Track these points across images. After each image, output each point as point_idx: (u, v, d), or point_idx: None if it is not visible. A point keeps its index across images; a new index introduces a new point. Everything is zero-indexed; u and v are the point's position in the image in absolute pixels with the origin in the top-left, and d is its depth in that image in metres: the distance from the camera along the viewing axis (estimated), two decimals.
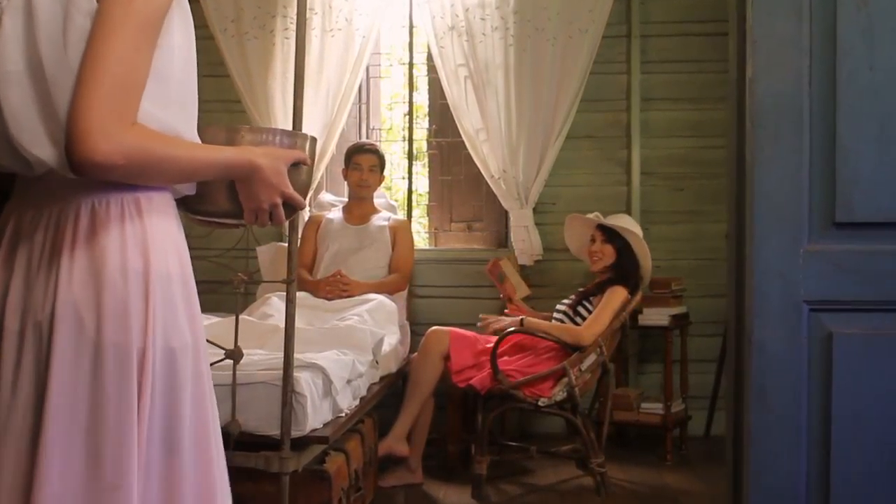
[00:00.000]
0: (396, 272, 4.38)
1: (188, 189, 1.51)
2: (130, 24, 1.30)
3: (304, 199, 1.58)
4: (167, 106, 1.39)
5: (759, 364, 1.57)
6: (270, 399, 2.67)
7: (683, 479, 4.08)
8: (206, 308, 4.63)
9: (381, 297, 4.06)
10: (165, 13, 1.36)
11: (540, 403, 3.74)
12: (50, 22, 1.34)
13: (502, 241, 5.00)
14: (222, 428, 1.86)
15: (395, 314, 4.07)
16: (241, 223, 1.57)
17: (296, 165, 1.54)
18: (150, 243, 1.39)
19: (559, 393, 3.75)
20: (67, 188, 1.37)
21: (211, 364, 2.61)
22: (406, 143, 5.12)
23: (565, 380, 3.75)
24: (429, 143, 5.20)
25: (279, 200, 1.51)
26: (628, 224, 4.16)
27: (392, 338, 3.85)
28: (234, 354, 2.62)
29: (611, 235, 4.08)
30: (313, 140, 1.65)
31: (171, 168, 1.37)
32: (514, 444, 4.24)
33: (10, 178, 1.48)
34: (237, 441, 2.62)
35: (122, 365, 1.34)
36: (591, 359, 3.84)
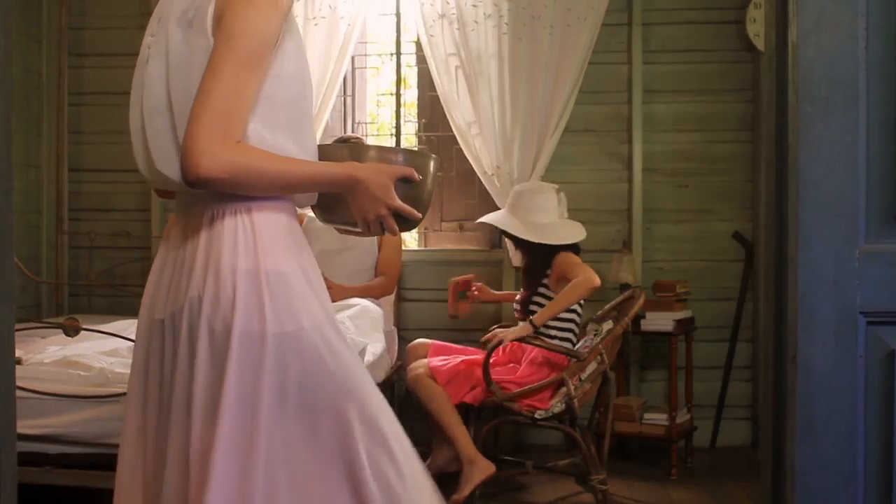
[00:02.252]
0: (382, 275, 4.14)
1: (308, 200, 1.75)
2: (234, 60, 1.54)
3: (423, 211, 1.76)
4: (276, 127, 1.62)
5: (806, 389, 1.30)
6: None
7: (690, 494, 3.95)
8: None
9: (364, 302, 3.81)
10: (272, 46, 1.60)
11: (537, 416, 3.59)
12: (180, 61, 1.61)
13: (495, 241, 4.77)
14: None
15: (380, 320, 3.82)
16: (357, 231, 1.78)
17: (406, 180, 1.71)
18: (260, 245, 1.61)
19: (557, 405, 3.58)
20: (198, 200, 1.65)
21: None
22: (394, 138, 4.87)
23: (563, 390, 3.54)
24: (418, 137, 4.95)
25: (385, 212, 1.69)
26: (528, 206, 3.87)
27: (376, 346, 3.58)
28: None
29: (515, 238, 3.84)
30: (436, 159, 1.84)
31: (271, 181, 1.59)
32: (508, 458, 4.09)
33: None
34: None
35: (232, 348, 1.56)
36: (591, 367, 3.66)
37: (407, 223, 1.74)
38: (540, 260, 3.81)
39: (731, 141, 4.70)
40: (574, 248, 3.81)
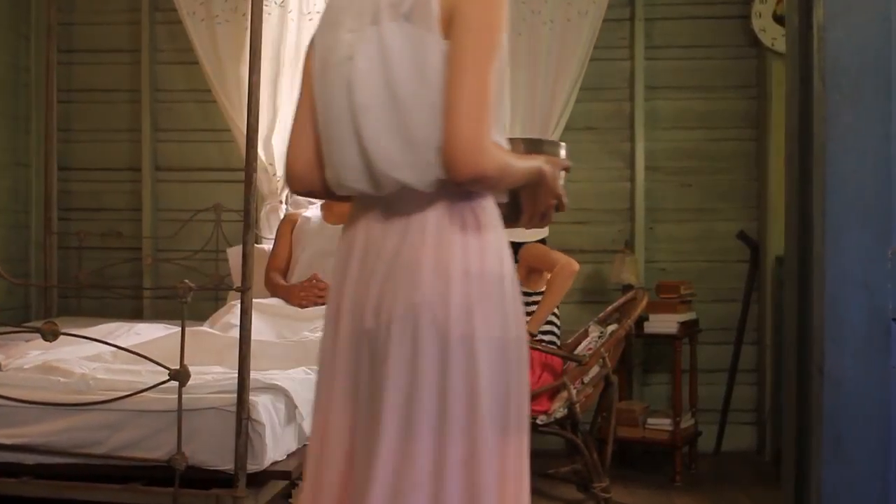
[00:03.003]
0: None
1: (501, 197, 1.72)
2: (489, 57, 1.54)
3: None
4: (495, 124, 1.59)
5: (834, 403, 1.19)
6: (223, 427, 2.31)
7: (694, 501, 3.88)
8: (166, 316, 4.23)
9: None
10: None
11: (538, 422, 3.52)
12: (405, 62, 1.57)
13: None
14: (165, 462, 2.27)
15: None
16: (513, 224, 1.76)
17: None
18: (485, 247, 1.62)
19: (559, 409, 3.48)
20: (413, 203, 1.61)
21: (153, 386, 2.24)
22: None
23: (565, 395, 3.45)
24: None
25: (554, 202, 1.73)
26: None
27: None
28: (180, 375, 2.23)
29: None
30: (567, 147, 1.93)
31: (512, 178, 1.63)
32: None
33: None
34: (183, 477, 2.26)
35: (467, 354, 1.57)
36: (593, 371, 3.58)
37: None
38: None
39: (736, 139, 4.62)
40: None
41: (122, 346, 2.88)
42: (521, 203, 1.73)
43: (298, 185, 1.77)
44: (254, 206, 2.27)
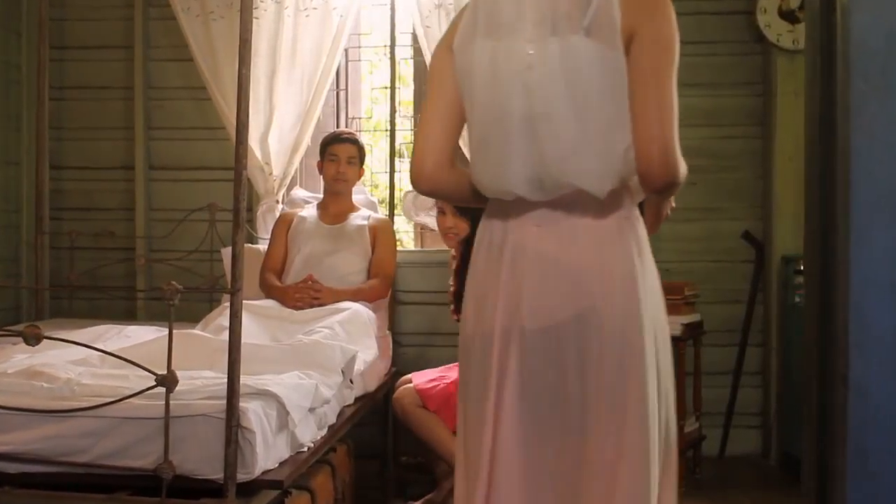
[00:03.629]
0: (376, 277, 3.93)
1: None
2: (671, 71, 1.64)
3: None
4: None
5: (860, 415, 1.11)
6: (212, 435, 2.21)
7: None
8: (160, 318, 4.13)
9: (356, 307, 3.60)
10: None
11: None
12: (588, 75, 1.65)
13: None
14: (151, 471, 2.18)
15: (373, 325, 3.61)
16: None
17: None
18: (644, 253, 1.74)
19: None
20: (578, 209, 1.69)
21: (139, 392, 2.15)
22: (389, 134, 4.67)
23: None
24: (414, 134, 4.75)
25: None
26: None
27: (368, 353, 3.38)
28: (167, 381, 2.14)
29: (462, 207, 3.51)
30: None
31: None
32: None
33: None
34: (171, 486, 2.17)
35: (634, 354, 1.66)
36: None
37: None
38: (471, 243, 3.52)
39: (741, 136, 4.53)
40: None
41: (109, 350, 2.80)
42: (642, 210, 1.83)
43: (427, 184, 1.82)
44: (244, 205, 2.19)
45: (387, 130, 4.72)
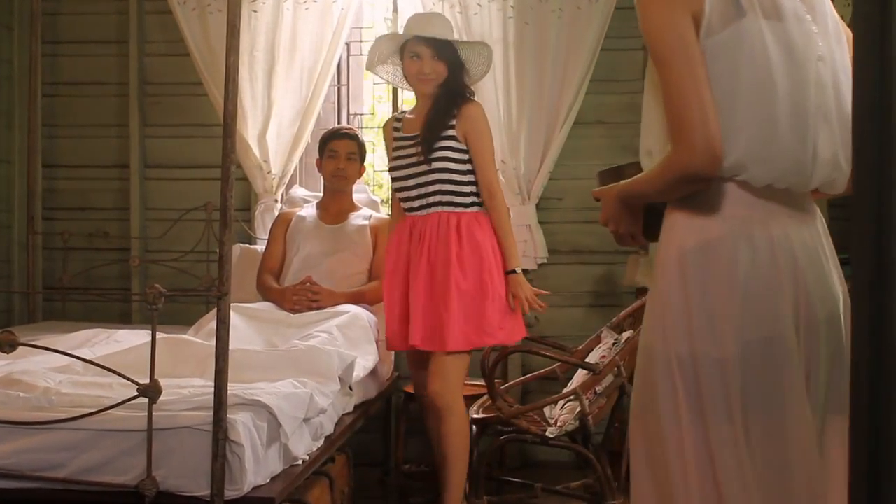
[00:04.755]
0: (377, 279, 3.78)
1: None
2: None
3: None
4: None
5: None
6: (198, 448, 2.08)
7: None
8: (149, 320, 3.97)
9: (356, 310, 3.46)
10: None
11: (548, 434, 3.30)
12: (847, 85, 1.66)
13: None
14: (133, 487, 2.06)
15: (371, 330, 3.47)
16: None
17: None
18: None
19: (570, 422, 3.22)
20: (810, 203, 1.74)
21: (119, 403, 2.00)
22: None
23: (576, 406, 3.21)
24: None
25: None
26: (448, 31, 3.43)
27: (367, 359, 3.23)
28: (150, 391, 2.00)
29: (441, 49, 3.31)
30: None
31: None
32: (515, 480, 3.76)
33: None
34: (153, 503, 2.02)
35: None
36: (607, 381, 3.34)
37: None
38: (451, 96, 3.32)
39: None
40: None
41: (96, 355, 2.67)
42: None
43: (715, 167, 1.58)
44: (231, 203, 2.04)
45: None
